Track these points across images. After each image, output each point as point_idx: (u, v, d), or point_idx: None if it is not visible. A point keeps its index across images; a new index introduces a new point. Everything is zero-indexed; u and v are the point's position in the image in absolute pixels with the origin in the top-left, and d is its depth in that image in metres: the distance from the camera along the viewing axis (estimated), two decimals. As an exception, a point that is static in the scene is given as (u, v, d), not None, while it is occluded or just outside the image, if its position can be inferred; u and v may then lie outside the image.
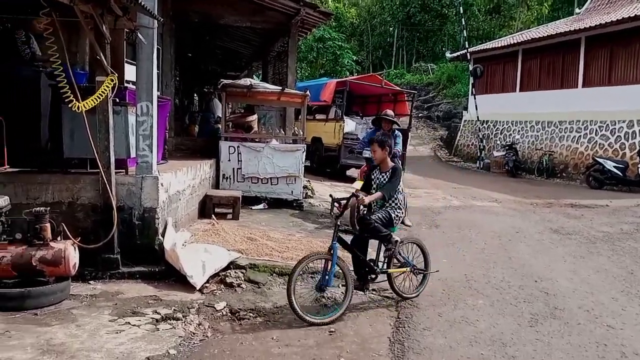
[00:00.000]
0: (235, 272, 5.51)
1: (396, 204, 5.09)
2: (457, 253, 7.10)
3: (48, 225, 4.78)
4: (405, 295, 5.15)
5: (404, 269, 5.16)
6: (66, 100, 4.66)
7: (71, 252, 4.81)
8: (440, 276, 5.79)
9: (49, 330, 4.10)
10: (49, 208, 4.88)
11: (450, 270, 6.18)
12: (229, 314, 4.73)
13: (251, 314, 4.71)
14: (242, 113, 10.92)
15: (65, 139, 5.50)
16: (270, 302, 5.01)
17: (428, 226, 8.78)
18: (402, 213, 5.22)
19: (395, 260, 5.11)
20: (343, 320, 4.66)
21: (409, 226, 8.47)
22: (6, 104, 5.88)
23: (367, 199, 4.91)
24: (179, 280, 5.38)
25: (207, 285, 5.29)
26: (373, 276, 4.99)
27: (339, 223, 4.76)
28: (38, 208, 4.80)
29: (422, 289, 5.30)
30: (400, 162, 8.49)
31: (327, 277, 4.68)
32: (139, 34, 5.43)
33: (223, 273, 5.47)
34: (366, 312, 4.92)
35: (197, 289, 5.18)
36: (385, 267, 5.08)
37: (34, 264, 4.59)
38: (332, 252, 4.62)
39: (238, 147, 8.93)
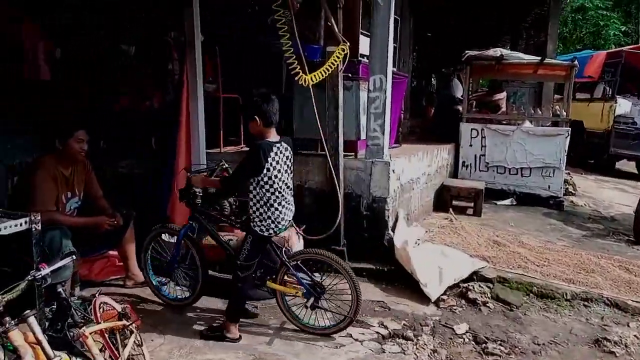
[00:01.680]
0: (479, 286, 4.38)
1: (253, 205, 3.37)
2: None
3: (273, 210, 4.38)
4: (303, 326, 3.65)
5: (293, 290, 3.62)
6: (292, 72, 4.15)
7: (294, 241, 4.33)
8: None
9: (264, 332, 3.63)
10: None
11: None
12: (472, 343, 3.64)
13: (502, 348, 3.55)
14: (487, 91, 9.50)
15: (295, 118, 5.08)
16: (527, 334, 3.76)
17: None
18: (264, 221, 3.35)
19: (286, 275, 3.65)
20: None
21: None
22: (246, 81, 5.82)
23: (200, 181, 3.68)
24: (409, 285, 4.51)
25: (443, 297, 4.29)
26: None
27: (198, 201, 3.78)
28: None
29: (332, 331, 3.61)
30: None
31: (175, 256, 3.91)
32: (375, -6, 4.65)
33: (464, 285, 4.40)
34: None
35: (432, 301, 4.23)
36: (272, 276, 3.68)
37: (256, 251, 4.23)
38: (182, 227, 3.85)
39: (482, 130, 7.64)
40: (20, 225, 2.10)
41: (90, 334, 2.57)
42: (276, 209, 3.34)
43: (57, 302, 2.46)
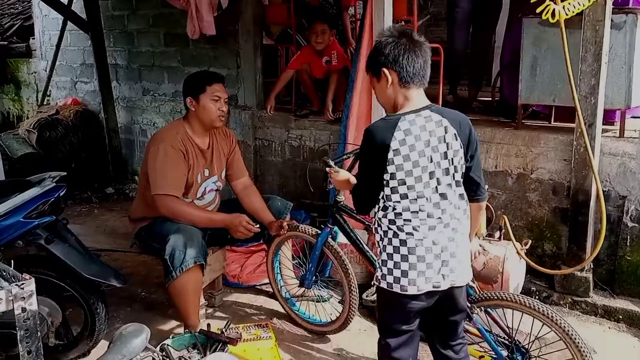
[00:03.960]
0: None
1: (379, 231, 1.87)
2: None
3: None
4: None
5: (476, 354, 2.27)
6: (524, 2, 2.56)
7: (513, 265, 2.87)
8: None
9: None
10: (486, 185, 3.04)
11: None
12: None
13: None
14: None
15: (523, 74, 3.45)
16: None
17: None
18: (392, 264, 1.79)
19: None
20: None
21: None
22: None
23: (337, 183, 2.24)
24: None
25: None
26: None
27: (339, 199, 2.68)
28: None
29: None
30: None
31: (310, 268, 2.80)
32: None
33: None
34: None
35: None
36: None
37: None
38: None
39: None
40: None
41: None
42: (413, 242, 1.77)
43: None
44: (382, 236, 1.84)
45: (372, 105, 3.71)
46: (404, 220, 1.77)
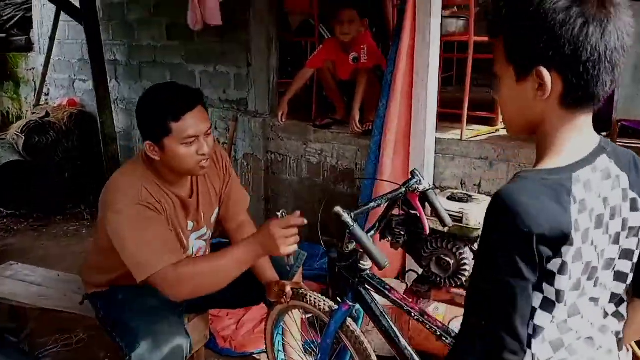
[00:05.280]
0: None
1: None
2: None
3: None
4: None
5: None
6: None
7: None
8: None
9: None
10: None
11: None
12: None
13: None
14: None
15: (622, 77, 2.53)
16: None
17: None
18: None
19: None
20: None
21: None
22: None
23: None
24: None
25: None
26: None
27: (363, 265, 1.74)
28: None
29: None
30: None
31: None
32: None
33: None
34: None
35: None
36: None
37: None
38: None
39: None
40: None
41: None
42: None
43: None
44: None
45: (411, 119, 2.87)
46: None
